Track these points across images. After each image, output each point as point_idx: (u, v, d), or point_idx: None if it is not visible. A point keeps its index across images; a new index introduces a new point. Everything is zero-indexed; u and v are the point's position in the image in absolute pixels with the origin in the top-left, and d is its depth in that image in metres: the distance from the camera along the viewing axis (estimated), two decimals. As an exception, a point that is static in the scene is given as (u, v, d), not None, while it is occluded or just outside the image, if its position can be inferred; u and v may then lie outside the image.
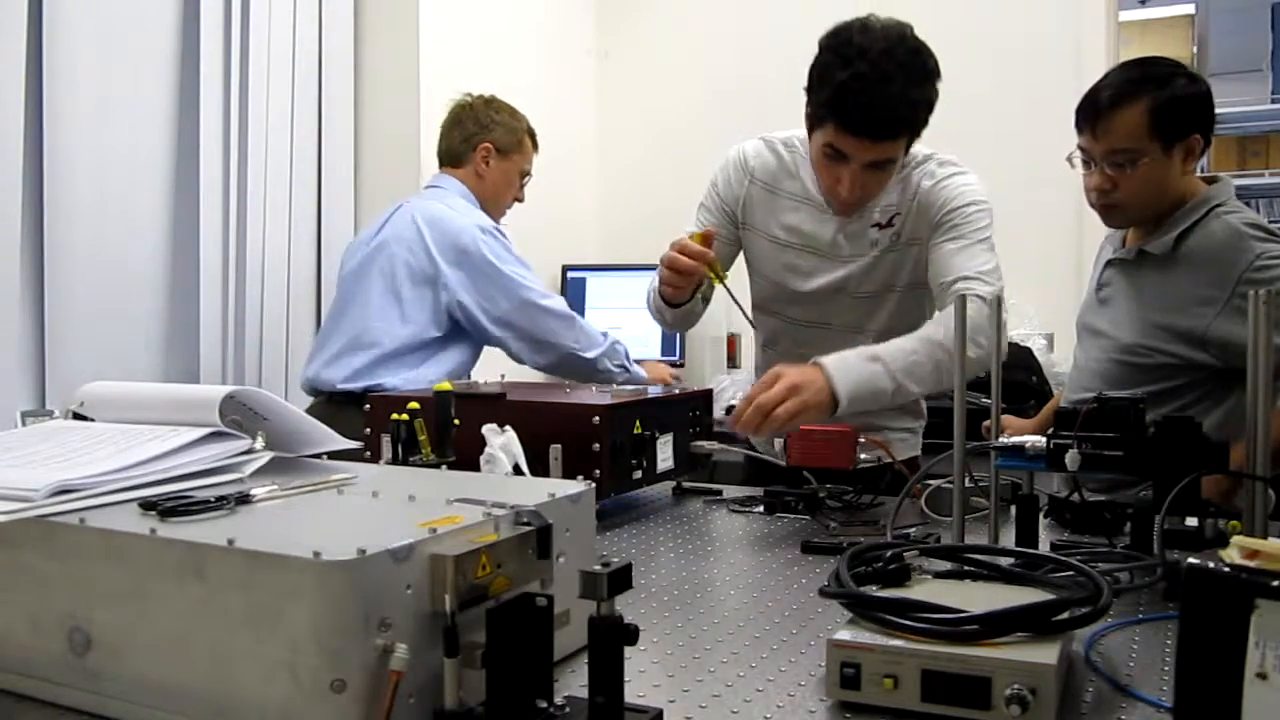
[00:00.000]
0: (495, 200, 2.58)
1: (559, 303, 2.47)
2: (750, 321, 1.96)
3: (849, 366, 1.55)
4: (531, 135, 2.63)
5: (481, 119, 2.58)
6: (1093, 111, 1.79)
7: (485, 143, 2.55)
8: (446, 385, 1.44)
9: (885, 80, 1.59)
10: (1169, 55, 5.85)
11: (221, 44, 2.72)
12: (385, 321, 2.37)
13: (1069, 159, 1.89)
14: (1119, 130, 1.76)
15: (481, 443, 1.38)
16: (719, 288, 1.75)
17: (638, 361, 2.65)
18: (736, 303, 1.82)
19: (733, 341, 3.63)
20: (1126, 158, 1.77)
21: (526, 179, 2.65)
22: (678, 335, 3.59)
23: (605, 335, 2.50)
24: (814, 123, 1.70)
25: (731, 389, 3.36)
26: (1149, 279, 1.82)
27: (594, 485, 0.99)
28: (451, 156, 2.58)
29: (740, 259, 1.97)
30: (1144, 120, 1.75)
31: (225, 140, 2.73)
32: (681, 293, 1.77)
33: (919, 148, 1.79)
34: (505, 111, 2.60)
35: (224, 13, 2.72)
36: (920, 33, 1.70)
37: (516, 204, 2.68)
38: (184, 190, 2.67)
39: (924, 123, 1.68)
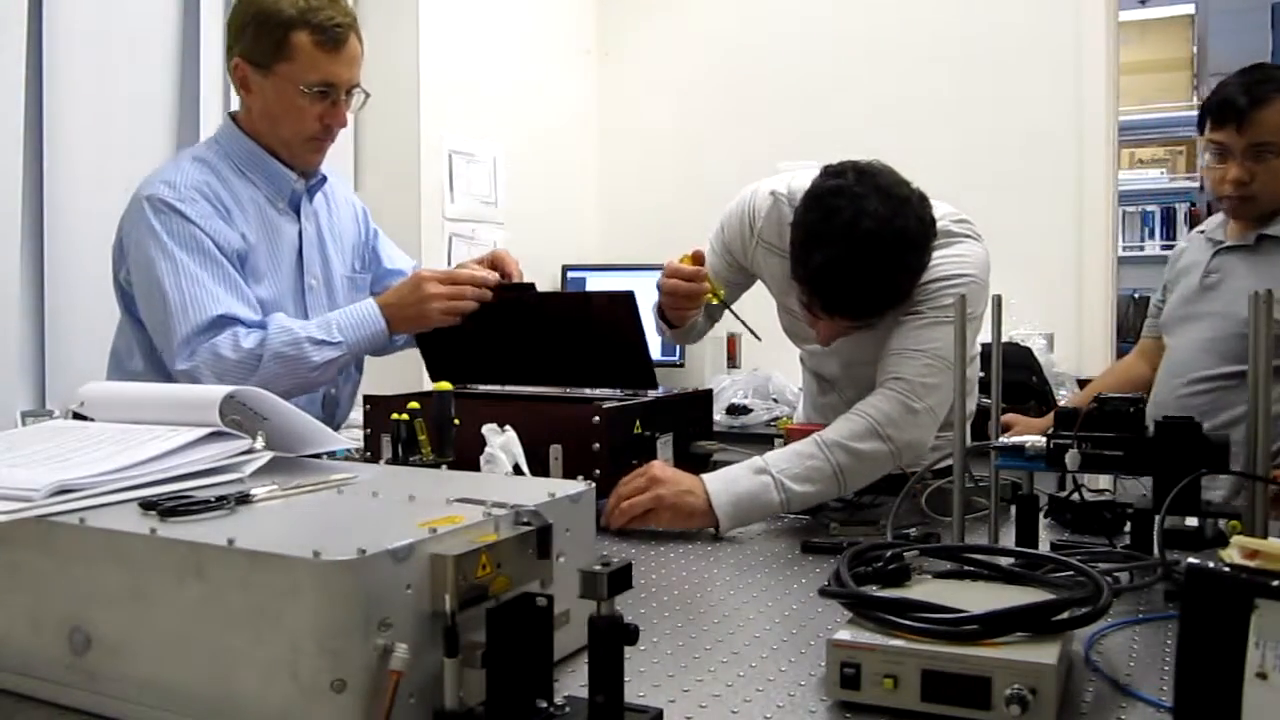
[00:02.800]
0: (275, 134, 1.81)
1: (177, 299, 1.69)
2: (755, 335, 1.90)
3: (731, 480, 1.46)
4: (311, 25, 1.72)
5: (234, 22, 1.81)
6: (1234, 108, 1.93)
7: (235, 58, 1.78)
8: (446, 385, 1.44)
9: (860, 268, 1.45)
10: (1169, 55, 5.80)
11: (221, 43, 2.71)
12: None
13: (1203, 152, 2.08)
14: (1266, 124, 1.92)
15: (481, 443, 1.38)
16: (731, 299, 1.78)
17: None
18: (740, 319, 1.79)
19: (733, 342, 3.64)
20: (1271, 150, 1.93)
21: (331, 92, 1.77)
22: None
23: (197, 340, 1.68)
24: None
25: (731, 389, 3.37)
26: (1273, 259, 1.97)
27: (594, 485, 0.99)
28: None
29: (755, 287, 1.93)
30: None
31: (225, 140, 2.72)
32: (687, 315, 1.78)
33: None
34: (264, 2, 1.75)
35: (224, 13, 2.72)
36: (921, 34, 1.66)
37: (331, 135, 1.83)
38: (184, 190, 2.65)
39: (906, 294, 1.54)
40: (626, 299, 1.63)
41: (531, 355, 1.75)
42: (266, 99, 1.77)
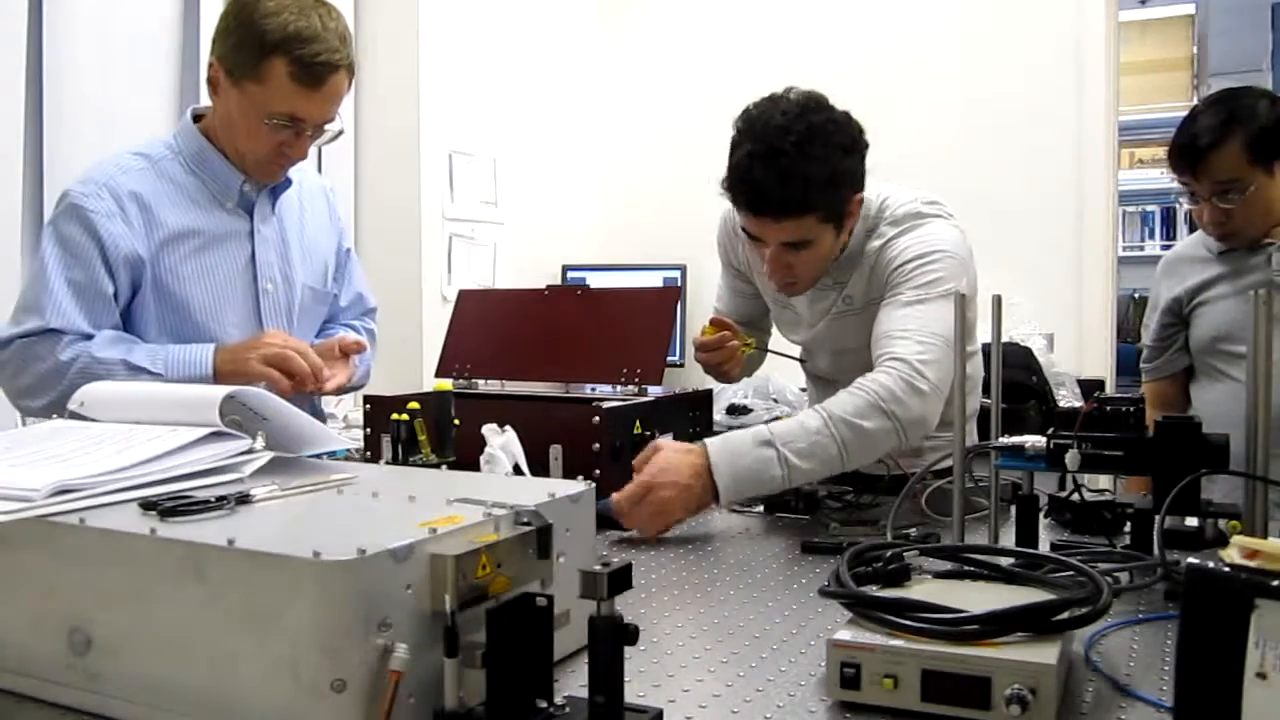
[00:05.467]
0: (230, 143, 1.73)
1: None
2: (801, 360, 1.93)
3: (735, 453, 1.44)
4: (291, 56, 1.60)
5: (221, 22, 1.70)
6: (1192, 155, 1.92)
7: (213, 58, 1.69)
8: (446, 385, 1.44)
9: (775, 156, 1.50)
10: (1169, 55, 5.79)
11: (222, 44, 2.72)
12: None
13: (1177, 199, 2.06)
14: (1221, 167, 1.89)
15: (481, 443, 1.38)
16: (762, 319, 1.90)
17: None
18: (781, 355, 1.89)
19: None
20: (1235, 188, 1.90)
21: (296, 126, 1.66)
22: (677, 337, 3.59)
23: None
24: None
25: (731, 389, 3.36)
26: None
27: (594, 485, 0.99)
28: None
29: None
30: (1242, 154, 1.88)
31: (225, 140, 2.72)
32: (732, 372, 1.84)
33: (875, 194, 1.68)
34: (255, 12, 1.62)
35: (224, 12, 2.72)
36: (920, 34, 1.67)
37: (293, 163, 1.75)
38: (184, 190, 2.65)
39: (833, 200, 1.55)
40: (670, 294, 1.71)
41: (548, 348, 1.77)
42: (229, 108, 1.67)
